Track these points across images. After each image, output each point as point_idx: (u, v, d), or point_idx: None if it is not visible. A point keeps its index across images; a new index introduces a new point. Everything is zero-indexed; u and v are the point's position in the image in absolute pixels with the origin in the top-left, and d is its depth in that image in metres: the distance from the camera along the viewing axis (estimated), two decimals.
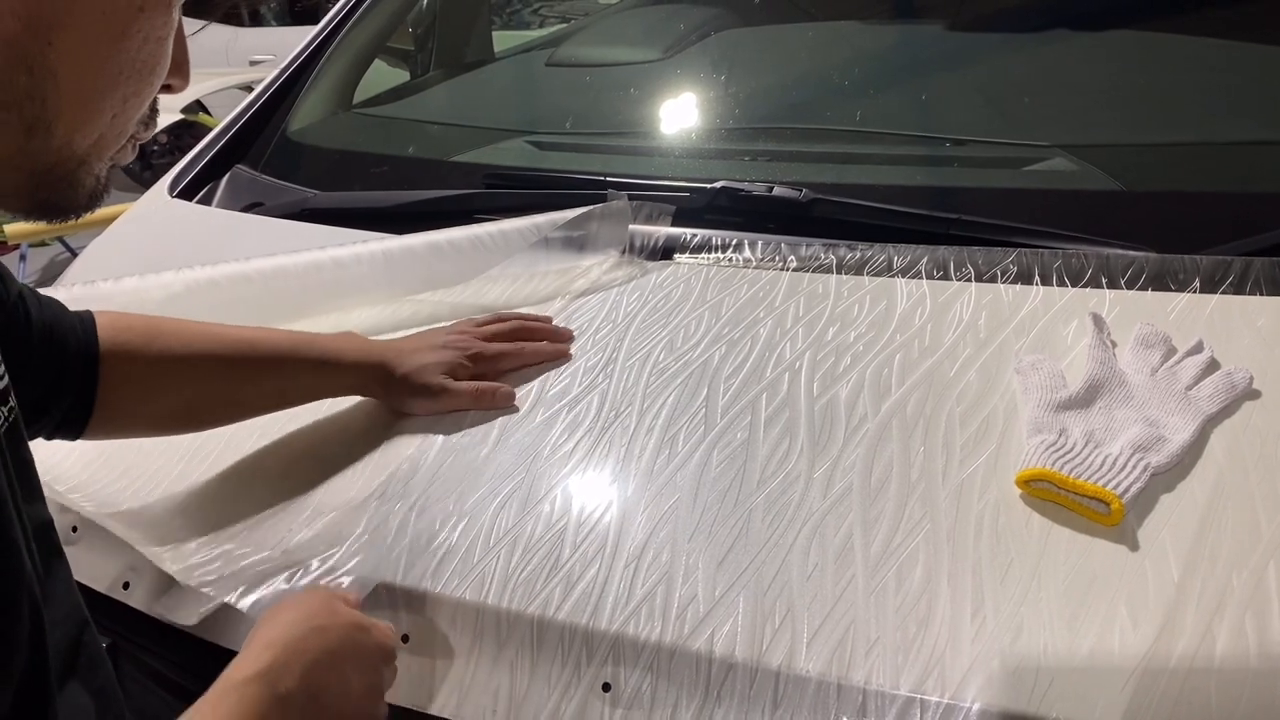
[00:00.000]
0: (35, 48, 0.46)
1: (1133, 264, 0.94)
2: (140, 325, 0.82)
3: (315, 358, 0.87)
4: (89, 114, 0.50)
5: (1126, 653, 0.61)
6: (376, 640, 0.65)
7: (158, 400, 0.82)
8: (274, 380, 0.86)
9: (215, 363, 0.83)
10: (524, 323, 0.97)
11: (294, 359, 0.86)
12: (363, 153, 1.52)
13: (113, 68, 0.50)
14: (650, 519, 0.74)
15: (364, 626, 0.65)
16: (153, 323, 0.84)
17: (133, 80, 0.51)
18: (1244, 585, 0.64)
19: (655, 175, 1.21)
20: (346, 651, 0.63)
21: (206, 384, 0.84)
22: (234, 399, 0.86)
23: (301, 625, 0.62)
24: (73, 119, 0.50)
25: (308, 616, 0.63)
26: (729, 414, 0.84)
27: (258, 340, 0.86)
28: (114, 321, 0.81)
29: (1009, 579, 0.66)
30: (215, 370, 0.84)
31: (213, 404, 0.85)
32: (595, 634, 0.67)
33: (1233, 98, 1.23)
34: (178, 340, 0.83)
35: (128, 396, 0.80)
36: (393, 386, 0.88)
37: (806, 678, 0.62)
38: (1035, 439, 0.75)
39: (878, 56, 1.50)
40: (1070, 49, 1.37)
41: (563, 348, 0.95)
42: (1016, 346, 0.88)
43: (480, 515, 0.77)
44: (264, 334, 0.87)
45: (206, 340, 0.84)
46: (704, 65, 1.56)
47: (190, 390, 0.83)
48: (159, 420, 0.85)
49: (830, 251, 1.04)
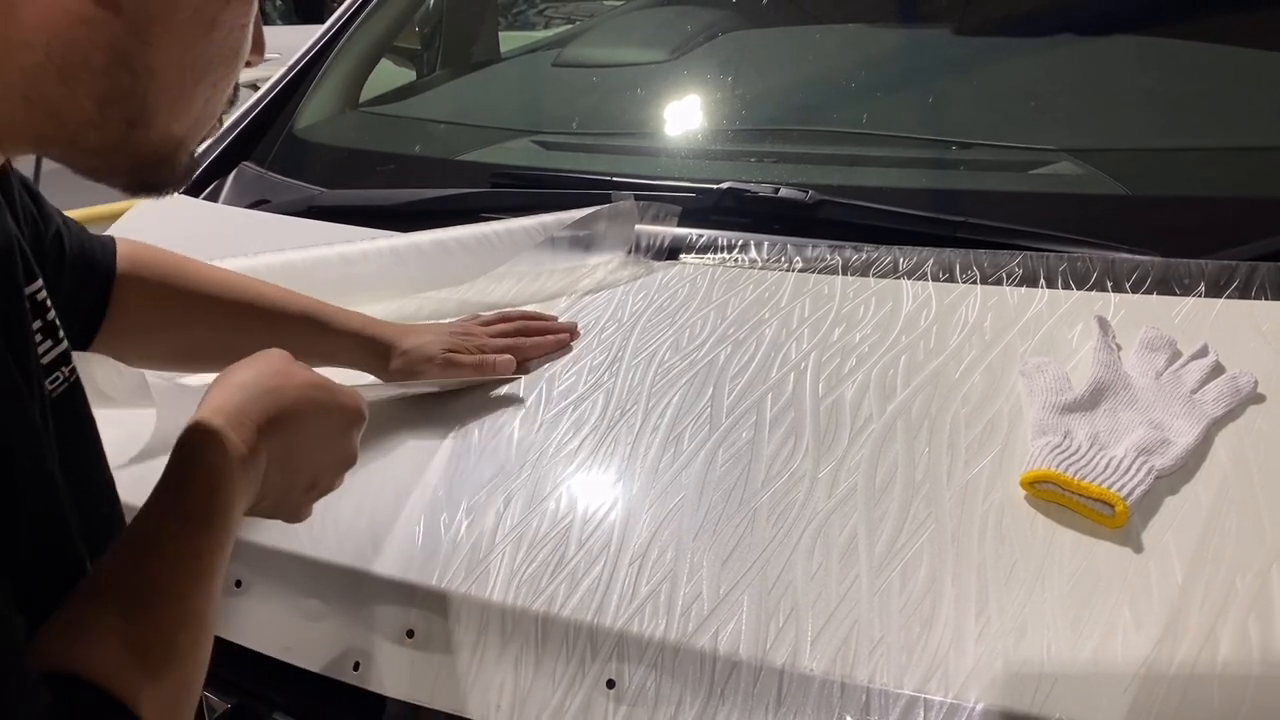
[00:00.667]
0: (135, 48, 0.49)
1: (1138, 268, 0.95)
2: (158, 259, 0.85)
3: (319, 321, 0.89)
4: (185, 104, 0.53)
5: (1130, 654, 0.61)
6: (340, 401, 0.64)
7: (159, 334, 0.85)
8: (274, 336, 0.85)
9: (221, 308, 0.86)
10: (528, 321, 0.98)
11: (298, 319, 0.88)
12: (369, 151, 1.52)
13: (204, 59, 0.52)
14: (655, 517, 0.75)
15: (325, 386, 0.63)
16: (170, 258, 0.86)
17: (221, 67, 0.53)
18: (1248, 588, 0.64)
19: (661, 176, 1.21)
20: (307, 413, 0.61)
21: (208, 327, 0.86)
22: (232, 347, 0.86)
23: (257, 386, 0.60)
24: (170, 110, 0.52)
25: (263, 376, 0.61)
26: (734, 413, 0.84)
27: (266, 295, 0.88)
28: (134, 250, 0.83)
29: (1013, 580, 0.66)
30: (219, 316, 0.86)
31: (211, 349, 0.87)
32: (600, 631, 0.67)
33: (1239, 103, 1.23)
34: (189, 280, 0.85)
35: (132, 325, 0.82)
36: (393, 363, 0.90)
37: (810, 676, 0.62)
38: (1040, 441, 0.75)
39: (884, 59, 1.50)
40: (1076, 53, 1.37)
41: (564, 338, 0.96)
42: (1022, 349, 0.88)
43: (486, 512, 0.77)
44: (273, 290, 0.89)
45: (216, 285, 0.86)
46: (711, 67, 1.56)
47: (192, 331, 0.86)
48: (158, 355, 0.87)
49: (836, 253, 1.04)
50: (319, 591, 0.74)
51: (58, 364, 0.60)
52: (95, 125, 0.50)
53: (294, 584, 0.75)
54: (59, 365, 0.60)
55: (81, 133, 0.50)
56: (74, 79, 0.48)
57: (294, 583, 0.75)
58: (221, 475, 0.56)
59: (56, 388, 0.59)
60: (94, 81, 0.48)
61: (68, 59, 0.47)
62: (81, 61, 0.47)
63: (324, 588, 0.74)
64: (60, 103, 0.48)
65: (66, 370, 0.60)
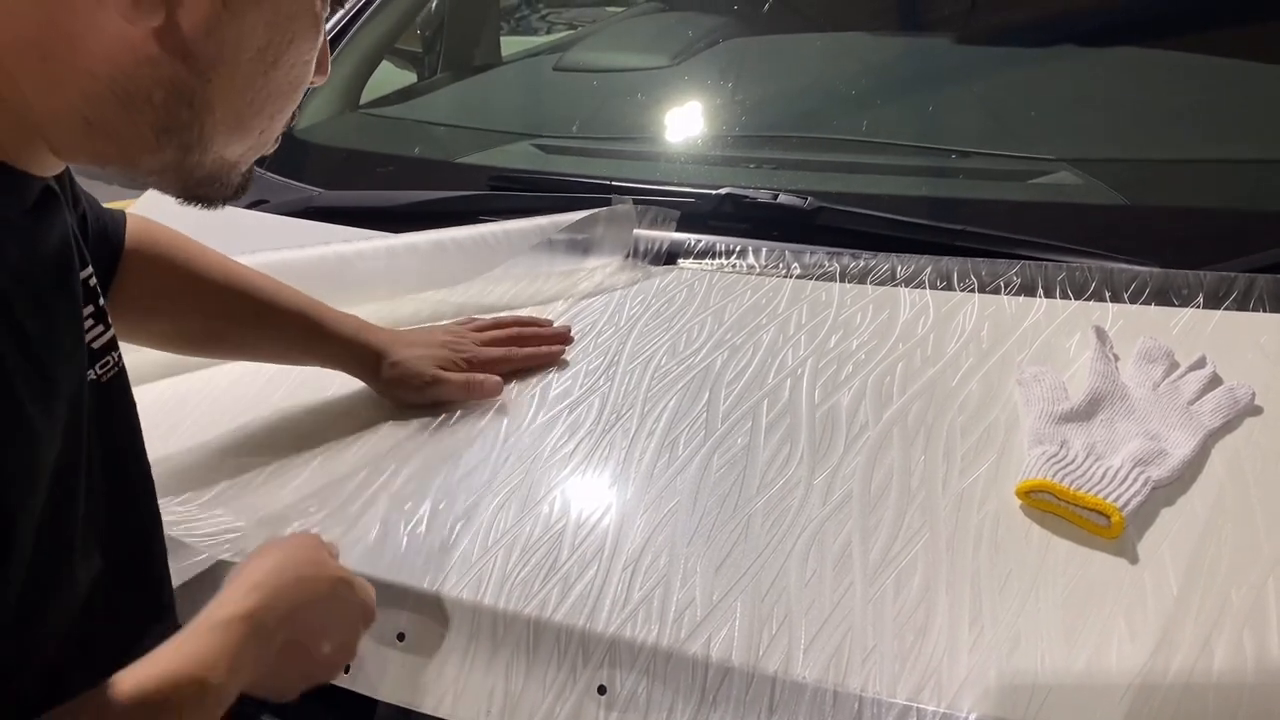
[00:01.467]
0: (196, 84, 0.51)
1: (1136, 278, 0.95)
2: (164, 237, 0.86)
3: (314, 322, 0.89)
4: (241, 133, 0.55)
5: (1124, 666, 0.60)
6: (360, 598, 0.65)
7: (157, 314, 0.85)
8: (268, 332, 0.89)
9: (219, 296, 0.86)
10: (522, 329, 0.98)
11: (294, 318, 0.88)
12: (369, 152, 1.52)
13: (264, 94, 0.54)
14: (649, 522, 0.74)
15: (348, 581, 0.65)
16: (176, 239, 0.87)
17: (280, 99, 0.56)
18: (1243, 601, 0.63)
19: (660, 180, 1.21)
20: (329, 604, 0.63)
21: (204, 314, 0.87)
22: (225, 337, 0.89)
23: (288, 573, 0.61)
24: (226, 138, 0.54)
25: (296, 564, 0.62)
26: (730, 419, 0.84)
27: (265, 289, 0.88)
28: (143, 226, 0.84)
29: (1007, 589, 0.66)
30: (216, 303, 0.87)
31: (208, 336, 0.89)
32: (592, 636, 0.67)
33: (1238, 115, 1.23)
34: (191, 263, 0.86)
35: (133, 303, 0.82)
36: (383, 373, 0.89)
37: (803, 684, 0.62)
38: (1036, 450, 0.75)
39: (885, 68, 1.50)
40: (1076, 64, 1.37)
41: (556, 350, 0.95)
42: (1019, 358, 0.88)
43: (479, 515, 0.77)
44: (273, 286, 0.89)
45: (218, 272, 0.87)
46: (711, 73, 1.56)
47: (188, 316, 0.87)
48: (154, 336, 0.88)
49: (834, 260, 1.04)
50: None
51: (108, 349, 0.61)
52: (152, 150, 0.52)
53: None
54: (109, 350, 0.61)
55: (138, 155, 0.53)
56: (134, 109, 0.50)
57: None
58: (242, 644, 0.56)
59: (106, 372, 0.60)
60: (154, 113, 0.51)
61: (130, 91, 0.49)
62: (143, 95, 0.50)
63: None
64: (120, 128, 0.51)
65: (115, 355, 0.62)
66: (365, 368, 0.90)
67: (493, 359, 0.93)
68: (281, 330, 0.88)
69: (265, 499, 0.81)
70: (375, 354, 0.90)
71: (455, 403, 0.90)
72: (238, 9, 0.50)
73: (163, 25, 0.48)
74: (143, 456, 0.65)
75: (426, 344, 0.92)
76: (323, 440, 0.87)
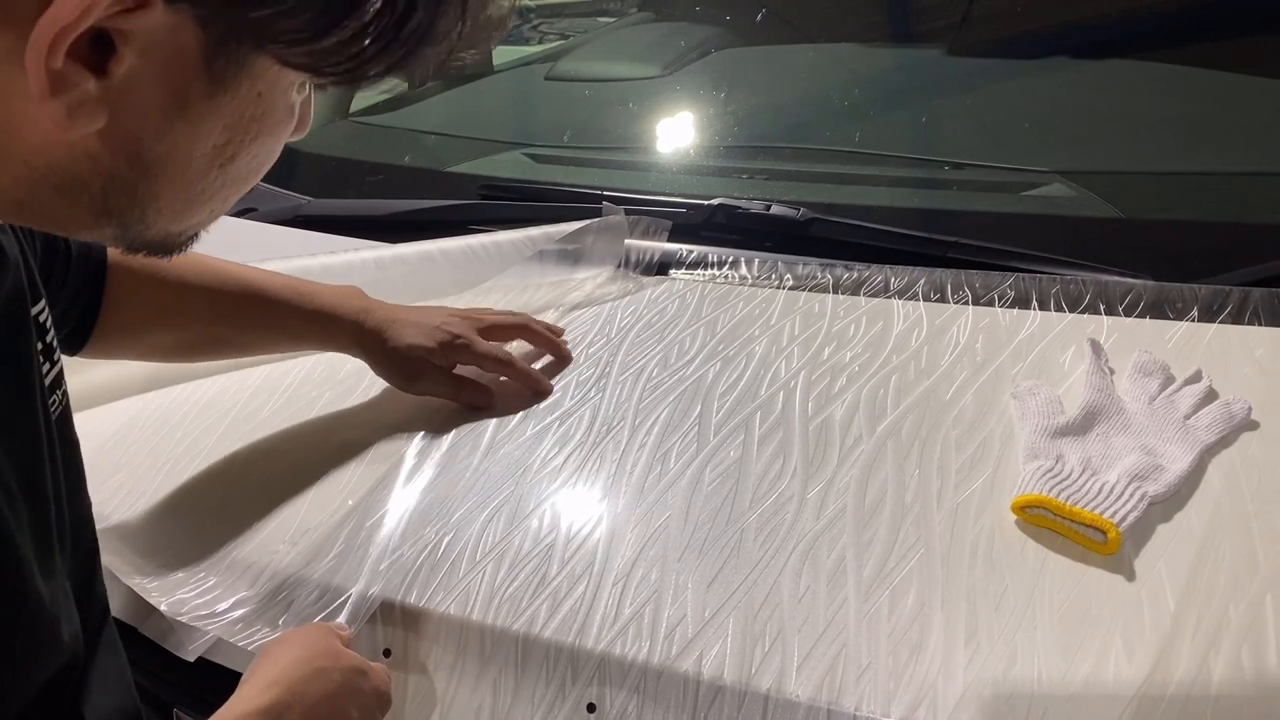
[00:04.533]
0: (140, 181, 0.47)
1: (1131, 291, 0.94)
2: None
3: (312, 309, 0.87)
4: (187, 214, 0.51)
5: (1121, 682, 0.60)
6: (374, 685, 0.65)
7: (156, 328, 0.84)
8: (264, 327, 0.87)
9: (215, 299, 0.85)
10: (529, 324, 0.96)
11: (289, 308, 0.87)
12: (358, 161, 1.51)
13: (217, 184, 0.50)
14: (640, 537, 0.73)
15: (363, 670, 0.65)
16: None
17: (236, 185, 0.51)
18: (1241, 617, 0.63)
19: (652, 190, 1.20)
20: (346, 695, 0.63)
21: (203, 320, 0.86)
22: (225, 339, 0.88)
23: (305, 666, 0.62)
24: (170, 218, 0.50)
25: (310, 658, 0.63)
26: (722, 431, 0.83)
27: (255, 282, 0.87)
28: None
29: (1003, 606, 0.65)
30: (213, 307, 0.85)
31: (207, 342, 0.88)
32: (581, 653, 0.65)
33: (1232, 128, 1.23)
34: (180, 270, 0.84)
35: (128, 319, 0.81)
36: (380, 358, 0.88)
37: (796, 702, 0.61)
38: (1031, 465, 0.74)
39: (877, 79, 1.50)
40: (1069, 76, 1.37)
41: (545, 387, 0.91)
42: (1013, 371, 0.87)
43: (467, 529, 0.76)
44: (266, 277, 0.88)
45: (209, 274, 0.86)
46: (703, 83, 1.56)
47: (188, 324, 0.86)
48: (156, 349, 0.87)
49: (827, 271, 1.03)
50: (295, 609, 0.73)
51: (56, 385, 0.60)
52: (89, 228, 0.48)
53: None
54: (56, 387, 0.60)
55: (76, 231, 0.50)
56: (71, 198, 0.46)
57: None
58: None
59: (55, 410, 0.59)
60: (91, 201, 0.46)
61: (66, 183, 0.45)
62: (80, 186, 0.45)
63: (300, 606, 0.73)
64: (55, 211, 0.47)
65: (60, 393, 0.60)
66: (362, 352, 0.89)
67: (487, 354, 0.90)
68: (281, 324, 0.87)
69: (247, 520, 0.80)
70: (374, 339, 0.88)
71: (446, 403, 0.90)
72: (194, 111, 0.45)
73: (106, 127, 0.43)
74: (86, 493, 0.64)
75: (424, 327, 0.89)
76: (306, 457, 0.86)
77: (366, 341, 0.88)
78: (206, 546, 0.78)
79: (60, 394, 0.60)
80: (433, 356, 0.88)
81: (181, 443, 0.90)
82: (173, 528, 0.81)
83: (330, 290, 0.90)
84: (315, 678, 0.62)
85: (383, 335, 0.88)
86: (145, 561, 0.78)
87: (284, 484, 0.83)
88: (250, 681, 0.61)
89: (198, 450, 0.88)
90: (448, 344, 0.89)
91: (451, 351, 0.89)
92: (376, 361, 0.89)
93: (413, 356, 0.87)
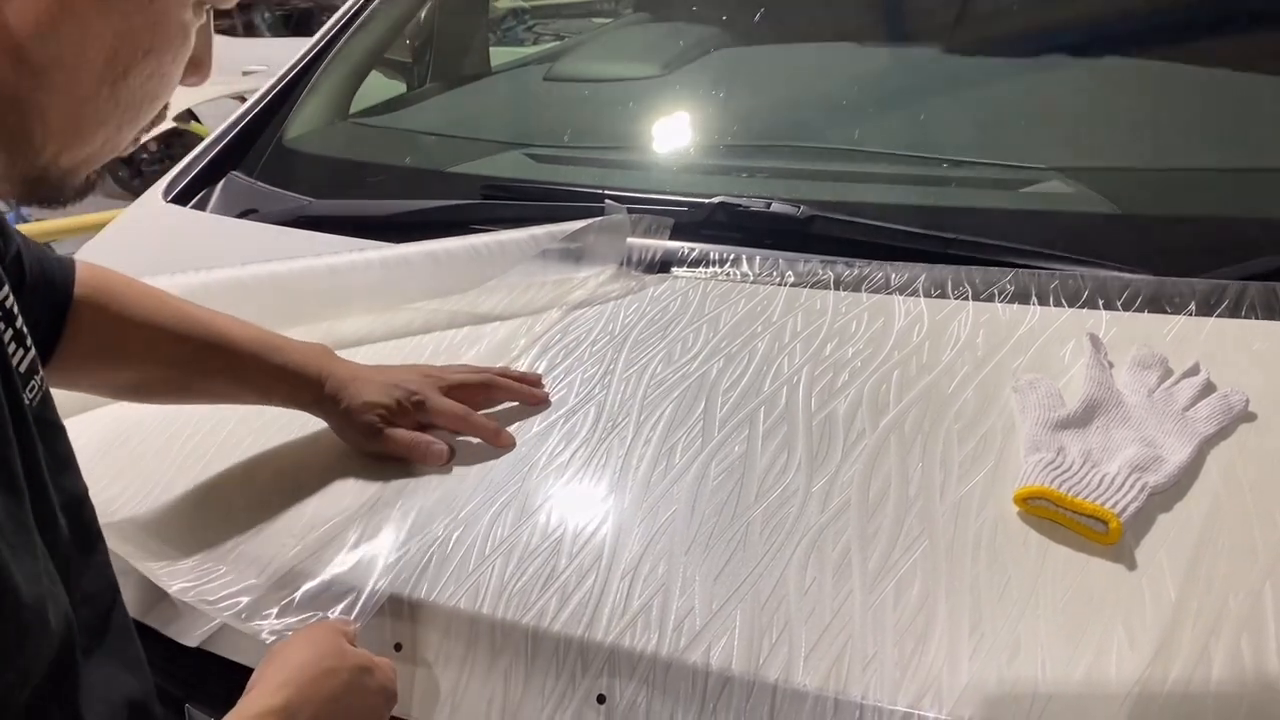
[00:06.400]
0: (28, 91, 0.45)
1: (1129, 286, 0.95)
2: (117, 286, 0.82)
3: (276, 364, 0.85)
4: (79, 142, 0.50)
5: (1123, 672, 0.60)
6: (380, 682, 0.66)
7: (113, 365, 0.82)
8: (227, 378, 0.85)
9: (178, 344, 0.82)
10: (494, 379, 0.91)
11: (253, 361, 0.84)
12: (359, 162, 1.51)
13: (108, 105, 0.49)
14: (647, 531, 0.74)
15: (369, 668, 0.66)
16: (130, 287, 0.83)
17: (129, 111, 0.50)
18: (1240, 606, 0.64)
19: (653, 189, 1.21)
20: (353, 693, 0.64)
21: (164, 363, 0.83)
22: (186, 385, 0.85)
23: (314, 667, 0.63)
24: (60, 145, 0.49)
25: (319, 658, 0.64)
26: (727, 427, 0.84)
27: (223, 332, 0.84)
28: (94, 275, 0.81)
29: (1006, 597, 0.66)
30: (174, 352, 0.83)
31: (164, 385, 0.85)
32: (590, 645, 0.66)
33: (1228, 124, 1.24)
34: (147, 310, 0.82)
35: (87, 353, 0.79)
36: (337, 417, 0.85)
37: (803, 692, 0.62)
38: (1033, 457, 0.75)
39: (876, 77, 1.51)
40: (1066, 73, 1.38)
41: (504, 441, 0.86)
42: (1014, 365, 0.88)
43: (476, 524, 0.76)
44: (236, 327, 0.85)
45: (174, 318, 0.83)
46: (703, 82, 1.57)
47: (146, 365, 0.83)
48: (111, 386, 0.85)
49: (828, 268, 1.04)
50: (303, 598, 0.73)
51: (31, 372, 0.58)
52: None
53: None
54: (32, 374, 0.58)
55: None
56: None
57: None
58: None
59: (34, 398, 0.58)
60: None
61: None
62: None
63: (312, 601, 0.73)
64: None
65: (38, 379, 0.59)
66: (324, 410, 0.86)
67: (444, 412, 0.86)
68: (243, 377, 0.84)
69: (257, 514, 0.81)
70: (331, 400, 0.85)
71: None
72: (79, 11, 0.44)
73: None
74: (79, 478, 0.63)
75: (382, 385, 0.86)
76: (316, 453, 0.87)
77: (326, 402, 0.85)
78: (216, 540, 0.79)
79: (38, 380, 0.59)
80: (389, 415, 0.84)
81: (191, 439, 0.90)
82: (182, 522, 0.82)
83: (298, 347, 0.87)
84: (324, 677, 0.63)
85: (341, 396, 0.85)
86: (155, 552, 0.78)
87: (293, 480, 0.84)
88: (261, 683, 0.62)
89: (207, 447, 0.89)
90: (404, 400, 0.85)
91: (408, 410, 0.85)
92: (335, 422, 0.86)
93: (368, 416, 0.84)
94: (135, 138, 0.55)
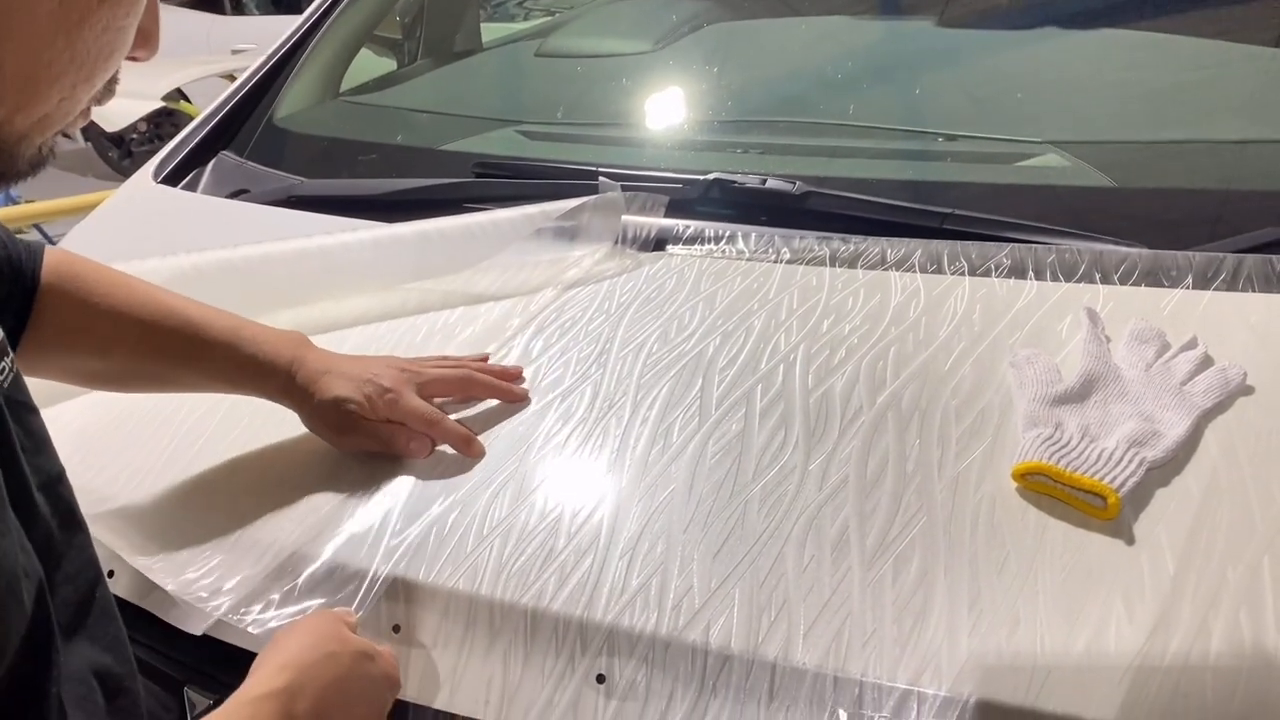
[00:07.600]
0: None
1: (1126, 260, 0.95)
2: (85, 272, 0.80)
3: (246, 354, 0.83)
4: (32, 99, 0.48)
5: (1122, 646, 0.61)
6: (382, 669, 0.66)
7: (80, 353, 0.81)
8: (194, 367, 0.83)
9: (146, 332, 0.81)
10: (473, 375, 0.89)
11: (222, 350, 0.82)
12: (350, 140, 1.50)
13: (64, 58, 0.48)
14: (645, 510, 0.74)
15: (371, 655, 0.66)
16: (98, 274, 0.81)
17: (85, 67, 0.49)
18: (1239, 579, 0.64)
19: (648, 166, 1.20)
20: (355, 678, 0.64)
21: (131, 352, 0.82)
22: (155, 374, 0.84)
23: (315, 651, 0.63)
24: (14, 103, 0.48)
25: (320, 642, 0.64)
26: (724, 405, 0.84)
27: (193, 320, 0.83)
28: (62, 261, 0.79)
29: (1005, 572, 0.66)
30: (141, 340, 0.81)
31: (133, 374, 0.84)
32: (589, 625, 0.66)
33: (1224, 96, 1.23)
34: (115, 298, 0.80)
35: (53, 340, 0.78)
36: (307, 410, 0.84)
37: (803, 670, 0.62)
38: (1031, 433, 0.75)
39: (871, 51, 1.50)
40: (1061, 46, 1.37)
41: (474, 450, 0.83)
42: (1011, 340, 0.88)
43: (473, 505, 0.76)
44: (207, 315, 0.84)
45: (143, 306, 0.81)
46: (696, 57, 1.56)
47: (112, 353, 0.81)
48: (80, 374, 0.84)
49: (824, 244, 1.03)
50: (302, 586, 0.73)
51: (0, 354, 0.58)
52: None
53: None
54: (1, 355, 0.58)
55: None
56: None
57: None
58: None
59: (4, 379, 0.57)
60: None
61: None
62: None
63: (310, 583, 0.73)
64: None
65: (9, 361, 0.58)
66: (293, 401, 0.84)
67: (413, 412, 0.83)
68: (211, 366, 0.83)
69: (253, 500, 0.80)
70: (303, 393, 0.83)
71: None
72: None
73: None
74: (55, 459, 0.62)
75: (354, 378, 0.83)
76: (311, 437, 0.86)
77: (295, 393, 0.83)
78: (211, 527, 0.78)
79: (9, 361, 0.58)
80: (360, 410, 0.82)
81: (184, 424, 0.90)
82: (177, 509, 0.82)
83: (271, 337, 0.85)
84: (326, 662, 0.63)
85: (311, 388, 0.82)
86: (150, 542, 0.78)
87: (289, 465, 0.84)
88: (262, 667, 0.62)
89: (201, 432, 0.88)
90: (375, 397, 0.82)
91: (379, 405, 0.82)
92: (304, 414, 0.84)
93: (339, 410, 0.82)
94: (86, 108, 0.53)
